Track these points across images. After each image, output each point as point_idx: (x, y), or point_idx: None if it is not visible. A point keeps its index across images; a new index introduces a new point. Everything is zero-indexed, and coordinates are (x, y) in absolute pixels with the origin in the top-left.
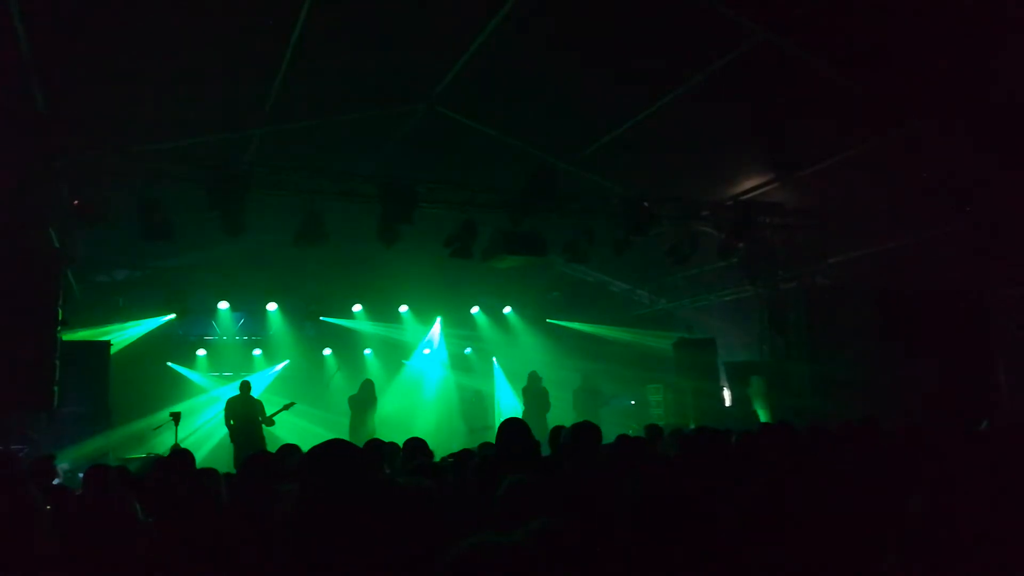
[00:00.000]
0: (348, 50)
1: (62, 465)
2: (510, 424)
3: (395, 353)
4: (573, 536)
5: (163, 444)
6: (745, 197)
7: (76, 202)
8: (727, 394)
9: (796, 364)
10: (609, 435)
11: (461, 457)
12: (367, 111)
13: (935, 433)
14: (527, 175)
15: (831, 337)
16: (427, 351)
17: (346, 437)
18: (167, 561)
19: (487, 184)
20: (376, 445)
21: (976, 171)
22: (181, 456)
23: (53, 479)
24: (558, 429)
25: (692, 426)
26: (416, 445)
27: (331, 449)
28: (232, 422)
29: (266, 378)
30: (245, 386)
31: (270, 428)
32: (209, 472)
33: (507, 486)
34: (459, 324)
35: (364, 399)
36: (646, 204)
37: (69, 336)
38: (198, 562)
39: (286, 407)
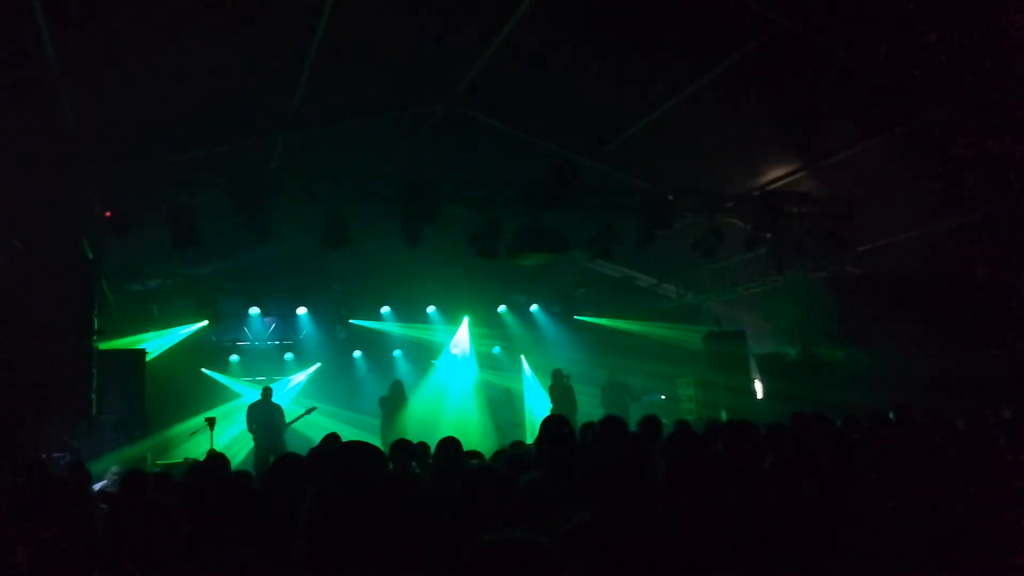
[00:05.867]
0: (368, 54)
1: (112, 468)
2: (550, 422)
3: (424, 353)
4: (605, 533)
5: (199, 449)
6: (771, 187)
7: (107, 213)
8: (758, 387)
9: (828, 355)
10: None
11: (495, 458)
12: (388, 113)
13: (968, 424)
14: (548, 172)
15: (862, 327)
16: (455, 351)
17: (377, 438)
18: (195, 563)
19: (509, 182)
20: (401, 445)
21: (1005, 156)
22: (216, 460)
23: (88, 485)
24: (588, 426)
25: (724, 420)
26: (449, 444)
27: (350, 450)
28: (254, 427)
29: (297, 383)
30: (266, 392)
31: (299, 431)
32: (243, 475)
33: (526, 483)
34: (486, 323)
35: (394, 400)
36: (670, 197)
37: (105, 345)
38: (226, 563)
39: (307, 412)
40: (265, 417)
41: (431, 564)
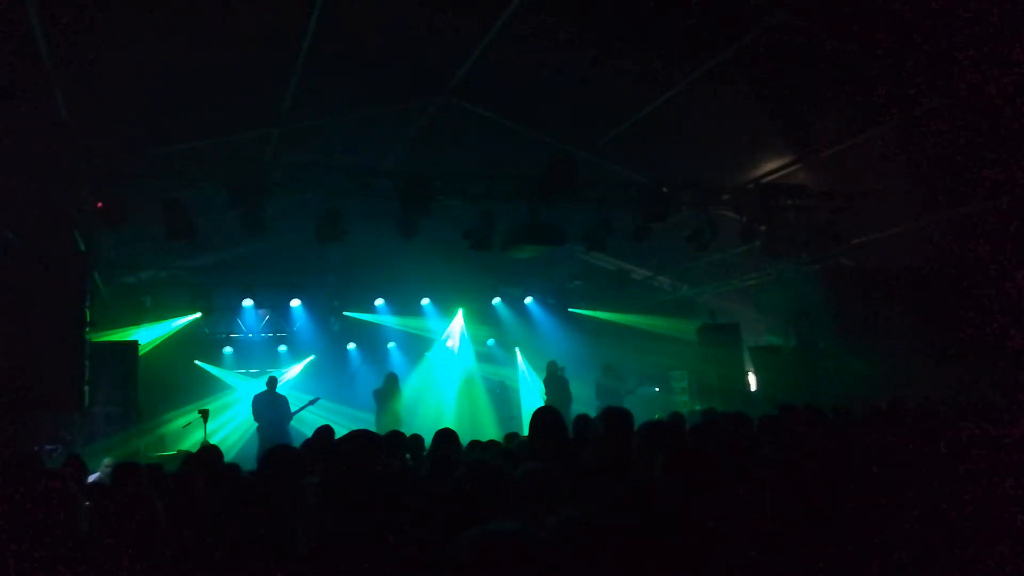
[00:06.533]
0: (363, 46)
1: (105, 460)
2: (542, 414)
3: (418, 346)
4: (597, 526)
5: (193, 441)
6: (766, 180)
7: (100, 205)
8: (752, 379)
9: (822, 347)
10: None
11: (487, 449)
12: (384, 106)
13: (962, 416)
14: (545, 164)
15: (856, 319)
16: (450, 343)
17: (372, 431)
18: (187, 556)
19: (505, 175)
20: (396, 435)
21: (1002, 148)
22: (209, 452)
23: (85, 477)
24: (582, 417)
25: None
26: (445, 435)
27: (353, 440)
28: (260, 418)
29: (291, 374)
30: (271, 382)
31: (300, 424)
32: (233, 467)
33: (521, 474)
34: (481, 315)
35: (388, 392)
36: (665, 190)
37: (98, 337)
38: (219, 556)
39: (311, 402)
40: (270, 408)
41: (428, 556)
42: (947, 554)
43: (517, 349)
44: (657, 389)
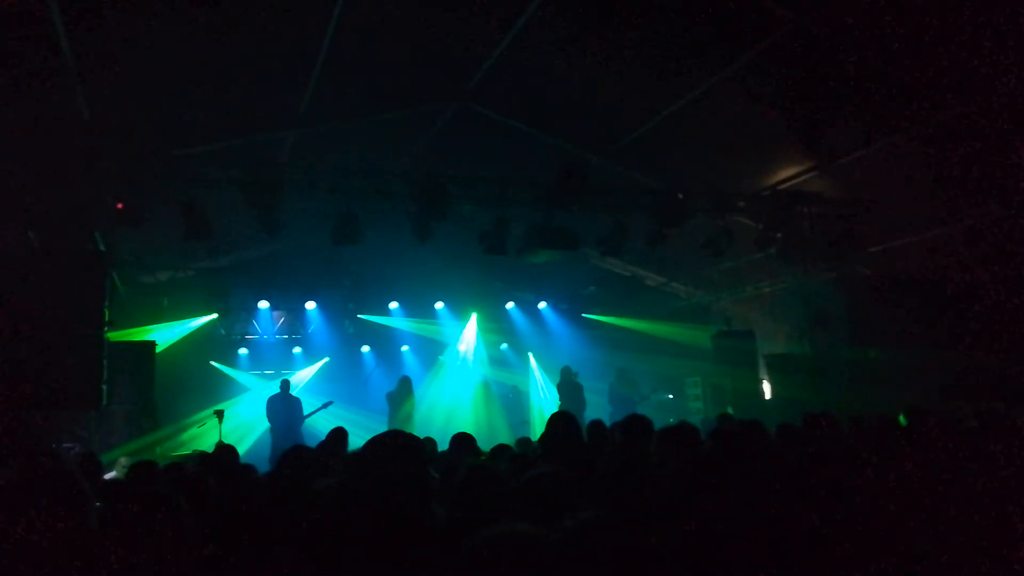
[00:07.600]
0: (380, 50)
1: (121, 459)
2: (557, 418)
3: (432, 350)
4: (610, 530)
5: (208, 441)
6: (783, 187)
7: (119, 205)
8: (767, 387)
9: (838, 356)
10: None
11: (497, 452)
12: (400, 110)
13: (979, 425)
14: (559, 170)
15: (873, 328)
16: (463, 347)
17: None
18: (203, 555)
19: (520, 179)
20: (412, 438)
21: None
22: (225, 452)
23: (100, 475)
24: (596, 423)
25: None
26: (463, 440)
27: (389, 440)
28: (273, 419)
29: (304, 377)
30: (285, 385)
31: (311, 426)
32: (248, 467)
33: (531, 477)
34: (494, 320)
35: (402, 396)
36: (680, 196)
37: (116, 336)
38: (233, 555)
39: (324, 406)
40: (284, 410)
41: (440, 557)
42: (958, 564)
43: (530, 354)
44: (671, 396)
